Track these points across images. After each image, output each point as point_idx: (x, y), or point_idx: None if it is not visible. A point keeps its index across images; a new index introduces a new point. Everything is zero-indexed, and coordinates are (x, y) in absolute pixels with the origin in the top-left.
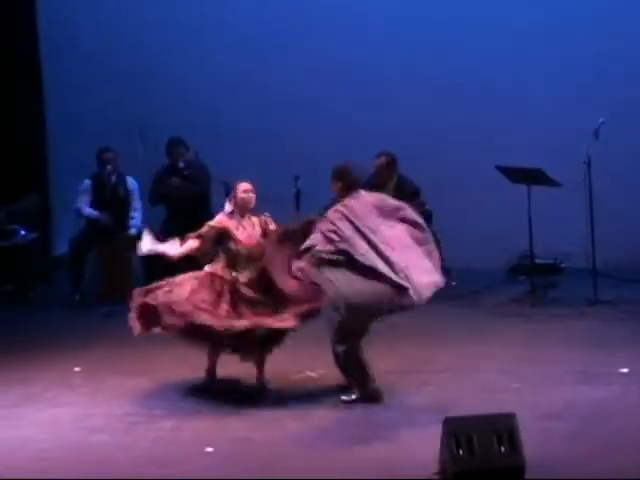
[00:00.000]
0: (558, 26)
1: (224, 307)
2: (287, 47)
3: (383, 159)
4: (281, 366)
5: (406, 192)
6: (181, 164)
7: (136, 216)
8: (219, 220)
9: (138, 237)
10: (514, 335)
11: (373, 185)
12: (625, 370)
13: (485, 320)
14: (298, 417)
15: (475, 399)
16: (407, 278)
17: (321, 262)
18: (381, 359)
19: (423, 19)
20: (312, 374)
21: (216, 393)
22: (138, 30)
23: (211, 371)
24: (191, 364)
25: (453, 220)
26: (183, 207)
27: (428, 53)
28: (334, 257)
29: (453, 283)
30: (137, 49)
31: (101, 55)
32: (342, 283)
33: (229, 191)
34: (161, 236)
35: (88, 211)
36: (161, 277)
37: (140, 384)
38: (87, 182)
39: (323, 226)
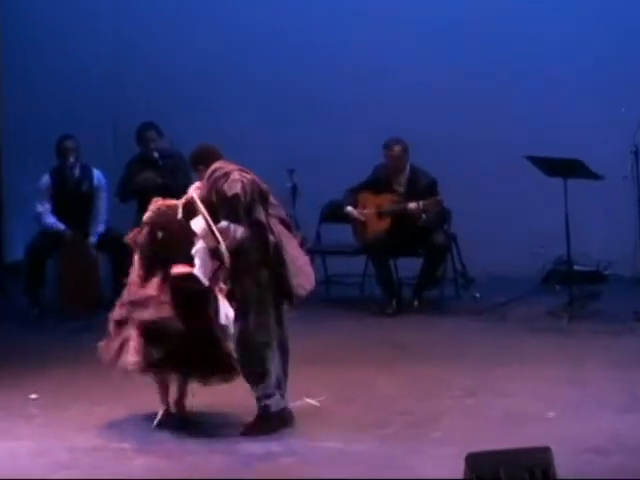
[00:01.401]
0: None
1: None
2: (281, 33)
3: (399, 148)
4: None
5: (420, 185)
6: (155, 154)
7: (100, 220)
8: None
9: (99, 246)
10: (548, 354)
11: (386, 179)
12: None
13: (514, 337)
14: (295, 452)
15: (503, 430)
16: None
17: None
18: (393, 383)
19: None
20: (312, 401)
21: (198, 424)
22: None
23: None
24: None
25: (475, 220)
26: None
27: (441, 37)
28: None
29: (477, 294)
30: (105, 24)
31: (63, 32)
32: None
33: None
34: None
35: (50, 221)
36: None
37: (109, 413)
38: (45, 178)
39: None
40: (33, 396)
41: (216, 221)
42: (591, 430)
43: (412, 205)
